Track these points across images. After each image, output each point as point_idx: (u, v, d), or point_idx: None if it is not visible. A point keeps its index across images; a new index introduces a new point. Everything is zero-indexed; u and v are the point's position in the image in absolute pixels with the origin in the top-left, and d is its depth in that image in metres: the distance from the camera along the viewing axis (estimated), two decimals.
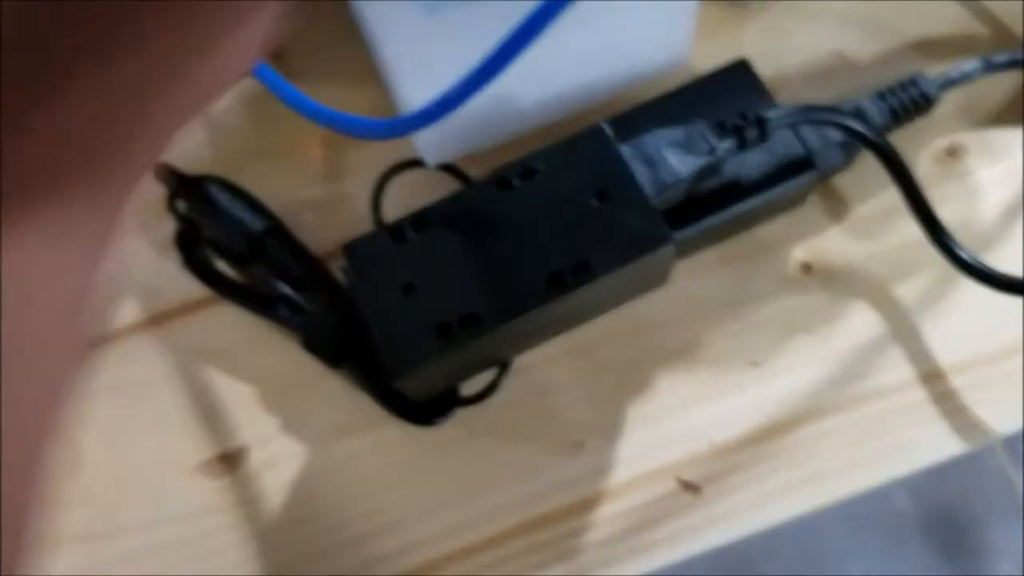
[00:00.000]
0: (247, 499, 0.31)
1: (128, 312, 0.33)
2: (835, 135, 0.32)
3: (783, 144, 0.31)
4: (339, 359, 0.31)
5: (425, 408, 0.31)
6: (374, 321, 0.28)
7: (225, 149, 0.35)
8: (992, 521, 0.94)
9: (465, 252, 0.28)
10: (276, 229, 0.32)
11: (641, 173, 0.29)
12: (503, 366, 0.31)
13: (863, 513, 0.94)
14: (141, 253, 0.33)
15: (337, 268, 0.32)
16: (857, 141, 0.31)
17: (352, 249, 0.29)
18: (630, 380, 0.32)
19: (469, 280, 0.28)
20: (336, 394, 0.32)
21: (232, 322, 0.32)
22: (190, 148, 0.35)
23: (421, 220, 0.29)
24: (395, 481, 0.31)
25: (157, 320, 0.33)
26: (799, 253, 0.33)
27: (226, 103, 0.36)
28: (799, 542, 0.93)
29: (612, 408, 0.32)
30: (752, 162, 0.31)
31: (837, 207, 0.33)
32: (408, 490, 0.31)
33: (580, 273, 0.28)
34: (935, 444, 0.31)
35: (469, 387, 0.31)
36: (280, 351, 0.32)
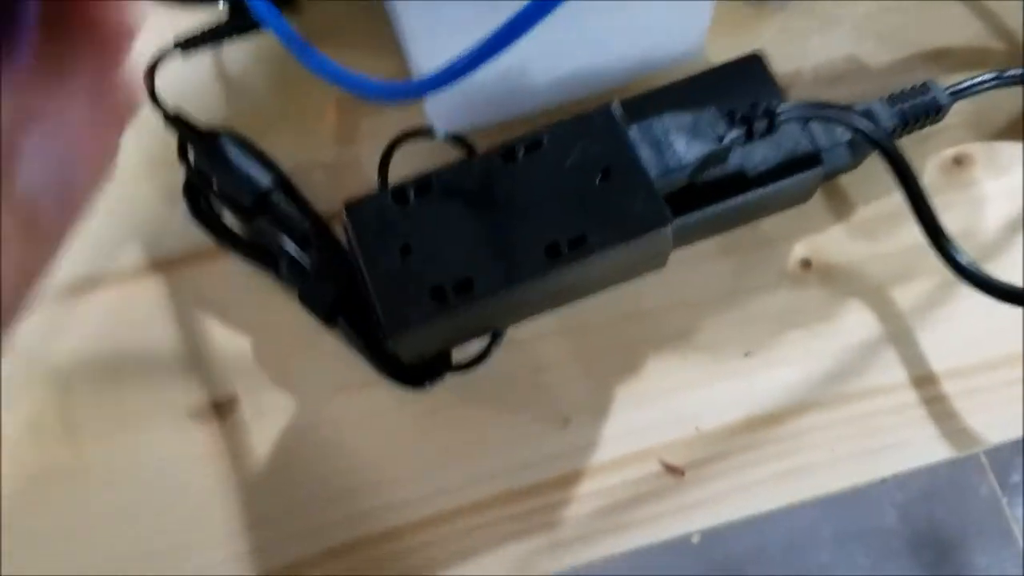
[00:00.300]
0: (234, 449, 0.30)
1: (132, 256, 0.32)
2: (844, 135, 0.31)
3: (791, 139, 0.30)
4: (333, 316, 0.30)
5: (416, 371, 0.30)
6: (370, 280, 0.27)
7: (240, 108, 0.35)
8: (979, 546, 0.93)
9: (465, 219, 0.28)
10: (284, 185, 0.32)
11: (647, 155, 0.28)
12: (496, 335, 0.30)
13: (852, 529, 0.93)
14: (149, 200, 0.33)
15: (341, 229, 0.31)
16: (865, 142, 0.31)
17: (352, 208, 0.28)
18: (622, 362, 0.31)
19: (467, 246, 0.27)
20: (330, 353, 0.31)
21: (234, 274, 0.32)
22: (206, 105, 0.34)
23: (424, 185, 0.28)
24: (382, 442, 0.30)
25: (160, 267, 0.32)
26: (800, 249, 0.32)
27: (245, 64, 0.36)
28: (786, 553, 0.92)
29: (602, 387, 0.31)
30: (759, 155, 0.30)
31: (841, 207, 0.33)
32: (393, 451, 0.30)
33: (577, 247, 0.27)
34: (923, 447, 0.30)
35: (461, 354, 0.31)
36: (279, 307, 0.32)
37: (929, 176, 0.33)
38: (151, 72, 0.32)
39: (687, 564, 0.90)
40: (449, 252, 0.27)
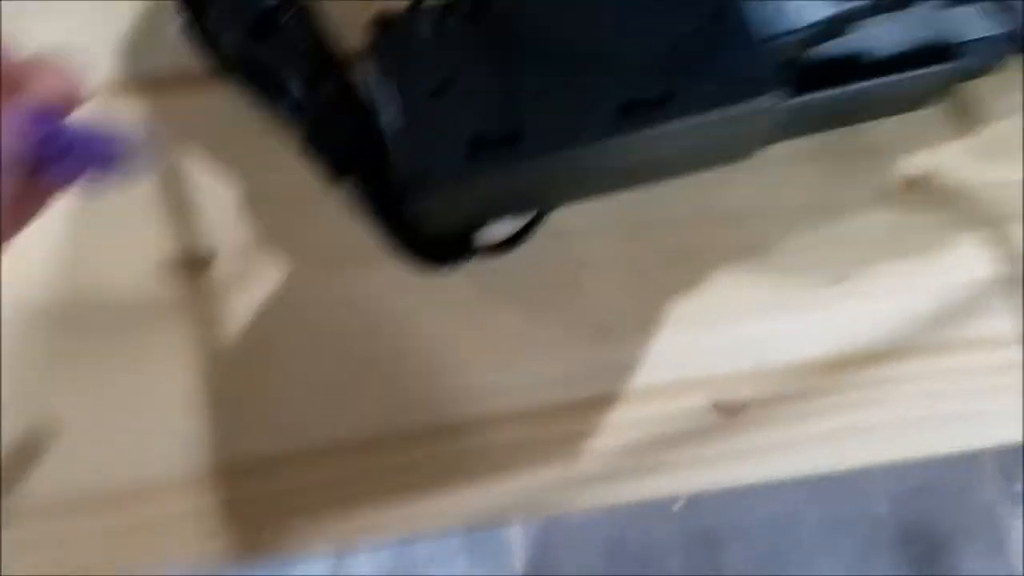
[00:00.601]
0: (204, 314, 0.25)
1: (111, 72, 0.26)
2: (984, 29, 0.25)
3: (924, 25, 0.24)
4: (341, 169, 0.24)
5: (435, 249, 0.24)
6: (395, 119, 0.21)
7: None
8: (969, 549, 0.88)
9: (525, 57, 0.22)
10: (299, 7, 0.25)
11: (757, 8, 0.22)
12: (538, 216, 0.24)
13: (840, 513, 0.88)
14: (139, 9, 0.27)
15: (359, 73, 0.25)
16: (1014, 41, 0.25)
17: (383, 23, 0.22)
18: (682, 272, 0.25)
19: (522, 92, 0.21)
20: (330, 217, 0.25)
21: (227, 108, 0.26)
22: None
23: (476, 7, 0.22)
24: (379, 332, 0.25)
25: (143, 87, 0.26)
26: (909, 165, 0.26)
27: None
28: (770, 528, 0.88)
29: (653, 299, 0.25)
30: (884, 37, 0.24)
31: (966, 120, 0.27)
32: (391, 345, 0.25)
33: (661, 107, 0.21)
34: None
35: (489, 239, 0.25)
36: (276, 154, 0.26)
37: None
38: None
39: (666, 530, 0.85)
40: (498, 95, 0.21)
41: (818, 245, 0.26)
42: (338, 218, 0.25)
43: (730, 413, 0.24)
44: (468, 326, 0.25)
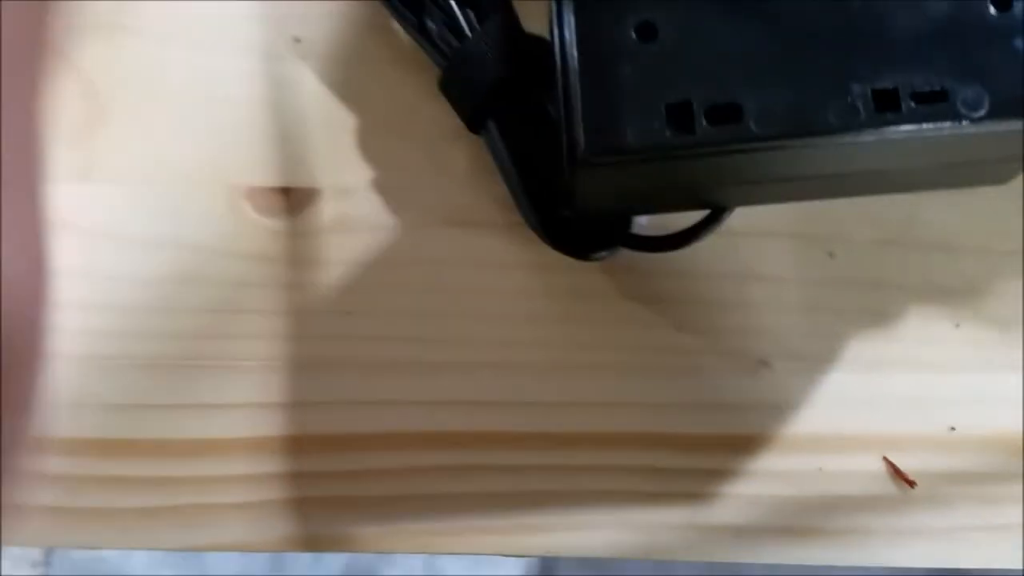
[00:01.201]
0: (297, 257, 0.20)
1: None
2: None
3: None
4: (481, 117, 0.19)
5: (583, 228, 0.19)
6: (577, 69, 0.16)
7: None
8: None
9: (760, 13, 0.16)
10: None
11: None
12: (716, 214, 0.19)
13: None
14: None
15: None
16: None
17: None
18: (869, 303, 0.20)
19: (752, 56, 0.16)
20: (460, 167, 0.20)
21: (357, 22, 0.21)
22: None
23: None
24: (496, 311, 0.20)
25: None
26: None
27: None
28: None
29: (829, 332, 0.20)
30: None
31: None
32: (509, 330, 0.20)
33: (927, 104, 0.15)
34: None
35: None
36: (406, 84, 0.21)
37: None
38: None
39: None
40: (716, 56, 0.16)
41: None
42: (467, 170, 0.20)
43: (908, 485, 0.19)
44: (593, 324, 0.20)
